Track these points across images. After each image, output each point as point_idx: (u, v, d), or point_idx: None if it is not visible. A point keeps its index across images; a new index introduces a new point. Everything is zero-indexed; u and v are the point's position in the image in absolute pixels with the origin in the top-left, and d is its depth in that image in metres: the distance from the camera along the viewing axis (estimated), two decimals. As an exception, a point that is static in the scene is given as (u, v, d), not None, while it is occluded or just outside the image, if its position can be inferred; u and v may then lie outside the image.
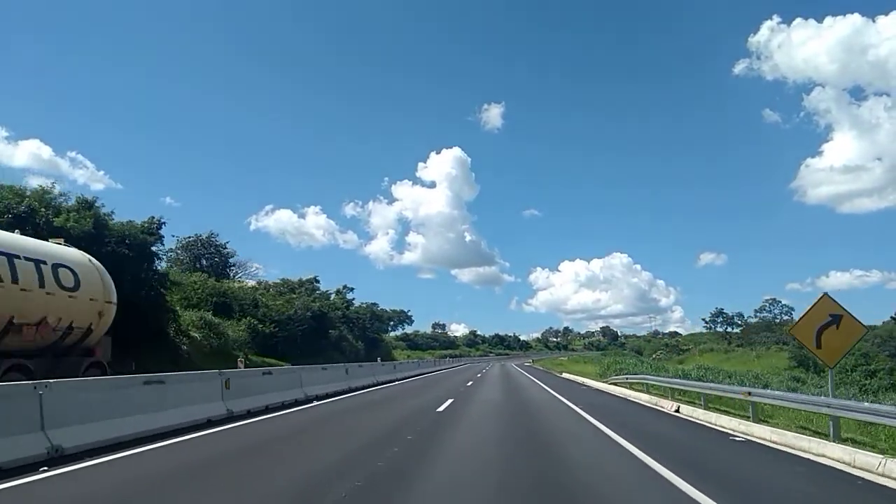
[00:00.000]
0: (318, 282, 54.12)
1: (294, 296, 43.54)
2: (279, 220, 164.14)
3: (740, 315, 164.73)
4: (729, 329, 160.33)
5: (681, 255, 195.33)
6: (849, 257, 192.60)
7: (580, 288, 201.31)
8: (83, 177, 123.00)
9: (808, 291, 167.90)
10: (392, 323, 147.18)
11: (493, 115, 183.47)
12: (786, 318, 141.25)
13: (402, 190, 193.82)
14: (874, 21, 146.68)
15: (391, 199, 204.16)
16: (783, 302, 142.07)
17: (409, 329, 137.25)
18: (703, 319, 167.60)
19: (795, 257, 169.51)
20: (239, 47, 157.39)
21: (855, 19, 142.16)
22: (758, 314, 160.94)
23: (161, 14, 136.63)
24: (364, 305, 61.43)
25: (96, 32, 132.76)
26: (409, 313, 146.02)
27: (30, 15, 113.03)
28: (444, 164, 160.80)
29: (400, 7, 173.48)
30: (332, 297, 56.68)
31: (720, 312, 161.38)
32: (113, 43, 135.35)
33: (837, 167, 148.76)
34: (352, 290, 58.92)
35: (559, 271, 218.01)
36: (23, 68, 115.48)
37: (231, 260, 51.75)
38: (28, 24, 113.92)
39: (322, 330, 43.94)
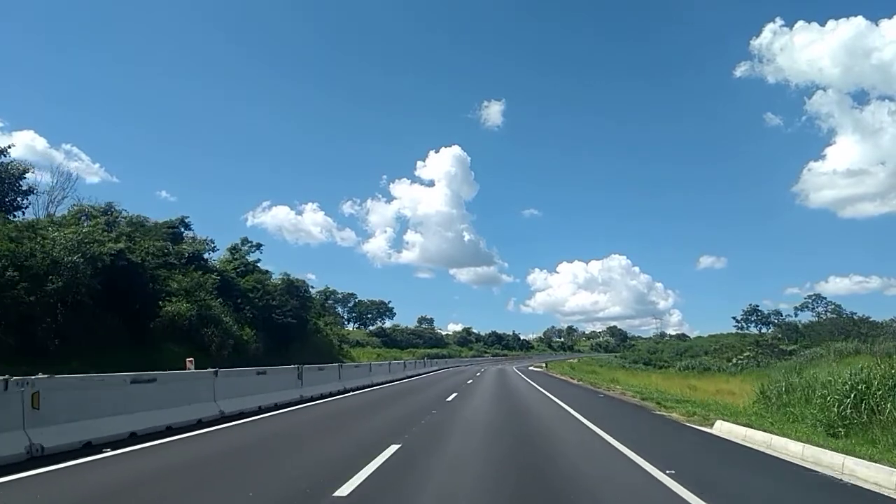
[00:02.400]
0: (187, 227, 31.65)
1: (70, 229, 20.72)
2: (276, 216, 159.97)
3: (777, 313, 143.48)
4: (763, 329, 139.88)
5: (680, 257, 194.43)
6: (849, 262, 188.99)
7: (578, 289, 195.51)
8: (78, 169, 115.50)
9: (807, 296, 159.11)
10: (370, 316, 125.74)
11: (494, 112, 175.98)
12: (833, 316, 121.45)
13: (400, 188, 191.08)
14: (877, 25, 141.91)
15: (389, 198, 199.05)
16: (827, 298, 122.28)
17: (390, 323, 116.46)
18: (734, 318, 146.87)
19: (795, 261, 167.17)
20: (238, 44, 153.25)
21: (859, 22, 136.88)
22: (799, 312, 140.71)
23: (160, 9, 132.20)
24: (284, 277, 38.44)
25: (94, 25, 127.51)
26: (390, 304, 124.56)
27: (25, 7, 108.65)
28: (443, 163, 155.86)
29: (399, 4, 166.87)
30: (223, 255, 34.16)
31: (754, 310, 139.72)
32: (111, 36, 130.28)
33: (840, 171, 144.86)
34: (257, 247, 36.29)
35: (557, 272, 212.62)
36: (17, 59, 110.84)
37: (26, 182, 29.20)
38: (23, 16, 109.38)
39: (132, 303, 21.43)
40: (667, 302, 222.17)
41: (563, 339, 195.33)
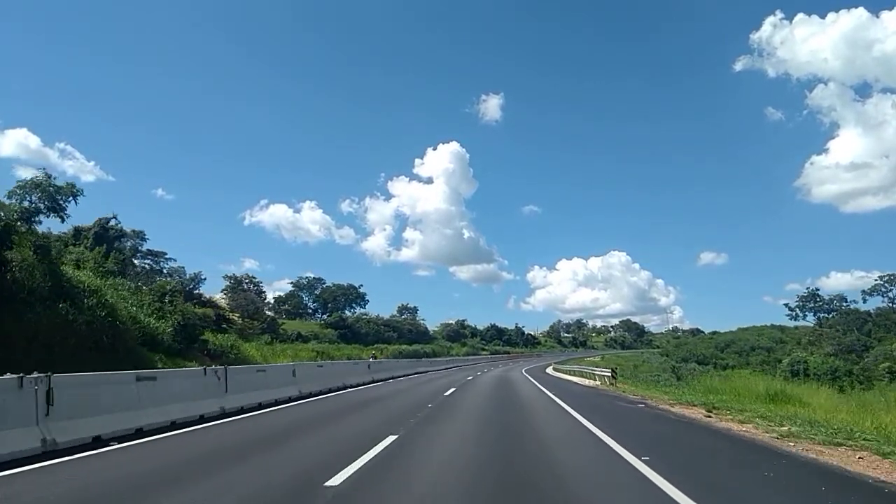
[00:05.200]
0: None
1: None
2: (274, 214, 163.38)
3: (841, 298, 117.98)
4: (822, 316, 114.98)
5: (681, 254, 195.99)
6: (851, 258, 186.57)
7: (578, 287, 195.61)
8: (73, 168, 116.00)
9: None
10: (340, 301, 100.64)
11: (492, 106, 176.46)
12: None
13: (398, 186, 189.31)
14: (878, 16, 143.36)
15: (388, 196, 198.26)
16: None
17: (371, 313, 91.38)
18: (786, 305, 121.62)
19: (797, 257, 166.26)
20: (236, 45, 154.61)
21: (860, 13, 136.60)
22: (868, 297, 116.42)
23: (160, 10, 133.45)
24: None
25: (92, 25, 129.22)
26: (361, 289, 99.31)
27: (23, 6, 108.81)
28: (441, 160, 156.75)
29: (398, 2, 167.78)
30: None
31: (813, 296, 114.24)
32: (108, 37, 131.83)
33: (843, 164, 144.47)
34: None
35: (557, 270, 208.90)
36: (12, 57, 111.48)
37: None
38: (21, 16, 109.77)
39: None
40: (668, 298, 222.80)
41: (572, 335, 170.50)
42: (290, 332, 61.50)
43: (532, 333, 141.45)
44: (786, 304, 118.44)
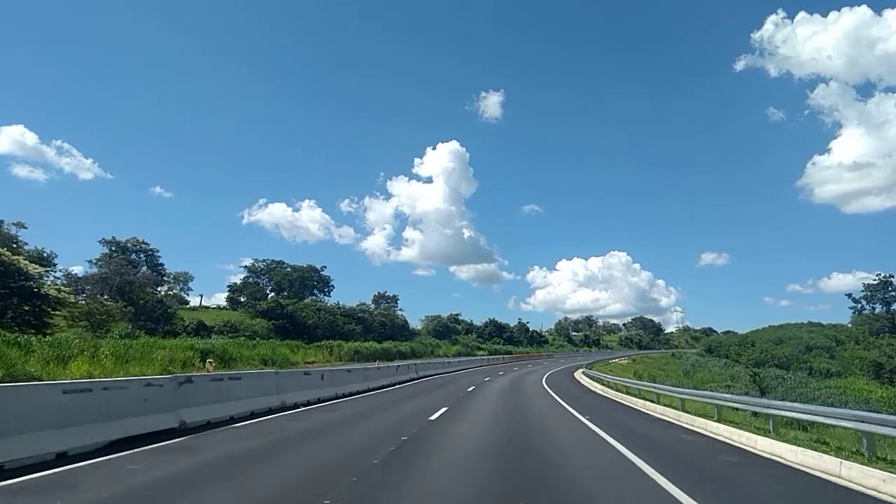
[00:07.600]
0: None
1: None
2: (273, 213, 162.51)
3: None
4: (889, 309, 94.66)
5: (681, 254, 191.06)
6: (852, 258, 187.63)
7: (578, 287, 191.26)
8: (70, 165, 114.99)
9: (808, 293, 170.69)
10: (296, 287, 79.58)
11: (492, 103, 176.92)
12: None
13: (398, 185, 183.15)
14: (881, 14, 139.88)
15: (387, 195, 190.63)
16: None
17: (333, 301, 70.45)
18: (850, 296, 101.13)
19: (799, 258, 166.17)
20: (236, 54, 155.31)
21: (863, 11, 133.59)
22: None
23: (162, 20, 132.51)
24: None
25: (95, 36, 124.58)
26: (324, 272, 78.44)
27: (26, 18, 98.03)
28: (441, 159, 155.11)
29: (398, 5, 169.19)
30: None
31: (885, 283, 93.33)
32: (111, 44, 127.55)
33: (846, 164, 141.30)
34: None
35: (557, 270, 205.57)
36: (12, 58, 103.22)
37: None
38: (21, 17, 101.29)
39: None
40: (669, 299, 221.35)
41: (582, 332, 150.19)
42: (189, 321, 41.18)
43: (538, 331, 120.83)
44: (848, 295, 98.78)
